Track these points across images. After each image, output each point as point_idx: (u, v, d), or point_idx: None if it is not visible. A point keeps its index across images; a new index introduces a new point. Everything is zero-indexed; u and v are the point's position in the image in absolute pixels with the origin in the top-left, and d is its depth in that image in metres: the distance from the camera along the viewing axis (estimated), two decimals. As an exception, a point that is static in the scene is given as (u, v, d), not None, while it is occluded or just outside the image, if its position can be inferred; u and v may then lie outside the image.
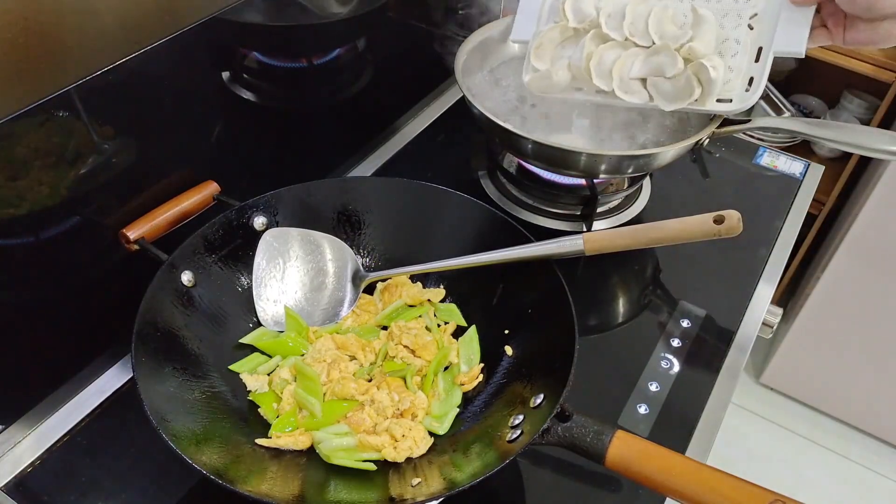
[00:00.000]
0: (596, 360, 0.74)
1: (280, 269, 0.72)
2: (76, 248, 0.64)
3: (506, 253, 0.69)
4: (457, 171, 0.97)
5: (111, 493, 0.61)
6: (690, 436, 0.68)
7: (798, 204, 0.97)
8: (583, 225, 0.87)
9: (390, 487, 0.57)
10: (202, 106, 0.72)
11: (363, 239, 0.77)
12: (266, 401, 0.64)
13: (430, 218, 0.76)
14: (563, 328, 0.62)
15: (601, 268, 0.80)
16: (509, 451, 0.55)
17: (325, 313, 0.72)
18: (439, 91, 1.12)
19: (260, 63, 0.77)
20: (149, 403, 0.54)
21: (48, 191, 0.59)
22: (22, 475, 0.63)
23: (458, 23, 1.08)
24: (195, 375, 0.62)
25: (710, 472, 0.50)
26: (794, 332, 1.67)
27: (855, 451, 1.72)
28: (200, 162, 0.74)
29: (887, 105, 1.57)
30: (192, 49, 0.67)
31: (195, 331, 0.65)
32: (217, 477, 0.51)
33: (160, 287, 0.63)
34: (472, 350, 0.69)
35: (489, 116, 0.78)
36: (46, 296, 0.63)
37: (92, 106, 0.59)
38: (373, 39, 0.91)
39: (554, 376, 0.59)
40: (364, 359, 0.68)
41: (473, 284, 0.73)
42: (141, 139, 0.65)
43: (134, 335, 0.58)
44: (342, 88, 0.92)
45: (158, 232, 0.68)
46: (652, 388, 0.72)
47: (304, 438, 0.61)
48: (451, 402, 0.65)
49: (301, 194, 0.74)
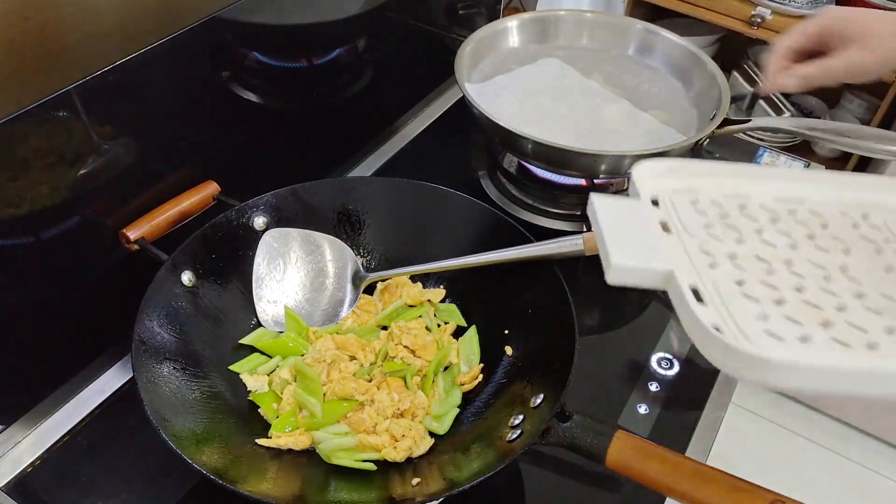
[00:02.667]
0: (596, 360, 0.74)
1: (280, 269, 0.72)
2: (76, 248, 0.64)
3: (506, 253, 0.69)
4: (457, 171, 0.97)
5: (111, 493, 0.61)
6: (690, 436, 0.68)
7: (798, 204, 0.97)
8: (583, 225, 0.87)
9: (390, 487, 0.57)
10: (202, 106, 0.72)
11: (363, 239, 0.77)
12: (266, 401, 0.64)
13: (430, 218, 0.76)
14: (563, 328, 0.62)
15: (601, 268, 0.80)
16: (509, 451, 0.55)
17: (325, 314, 0.72)
18: (439, 91, 1.12)
19: (260, 63, 0.77)
20: (149, 403, 0.54)
21: (48, 191, 0.59)
22: (22, 475, 0.62)
23: (458, 23, 1.08)
24: (195, 375, 0.62)
25: (710, 472, 0.50)
26: (795, 332, 1.67)
27: (855, 451, 1.72)
28: (200, 162, 0.74)
29: (887, 105, 1.57)
30: (192, 49, 0.67)
31: (195, 331, 0.65)
32: (217, 477, 0.51)
33: (160, 287, 0.63)
34: (472, 350, 0.69)
35: (489, 116, 0.78)
36: (46, 296, 0.63)
37: (92, 106, 0.59)
38: (373, 39, 0.91)
39: (554, 376, 0.59)
40: (364, 359, 0.68)
41: (473, 284, 0.73)
42: (141, 139, 0.65)
43: (134, 335, 0.58)
44: (342, 88, 0.92)
45: (158, 232, 0.68)
46: (652, 388, 0.72)
47: (304, 438, 0.61)
48: (451, 402, 0.65)
49: (301, 194, 0.74)
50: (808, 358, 0.38)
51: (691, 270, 0.44)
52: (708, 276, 0.43)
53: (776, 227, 0.48)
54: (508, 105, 0.87)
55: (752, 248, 0.46)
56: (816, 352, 0.39)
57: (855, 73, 0.63)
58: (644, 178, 0.50)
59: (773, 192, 0.50)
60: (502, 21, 0.95)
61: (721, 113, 0.81)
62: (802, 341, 0.40)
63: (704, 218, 0.48)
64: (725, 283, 0.43)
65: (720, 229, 0.47)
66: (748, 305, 0.42)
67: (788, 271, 0.44)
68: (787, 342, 0.40)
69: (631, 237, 0.45)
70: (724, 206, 0.49)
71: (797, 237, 0.47)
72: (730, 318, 0.41)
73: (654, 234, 0.46)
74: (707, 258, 0.45)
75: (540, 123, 0.82)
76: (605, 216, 0.46)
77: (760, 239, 0.47)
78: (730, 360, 0.38)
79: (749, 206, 0.49)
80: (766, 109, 1.76)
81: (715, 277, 0.43)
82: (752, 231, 0.47)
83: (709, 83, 0.88)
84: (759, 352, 0.38)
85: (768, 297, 0.42)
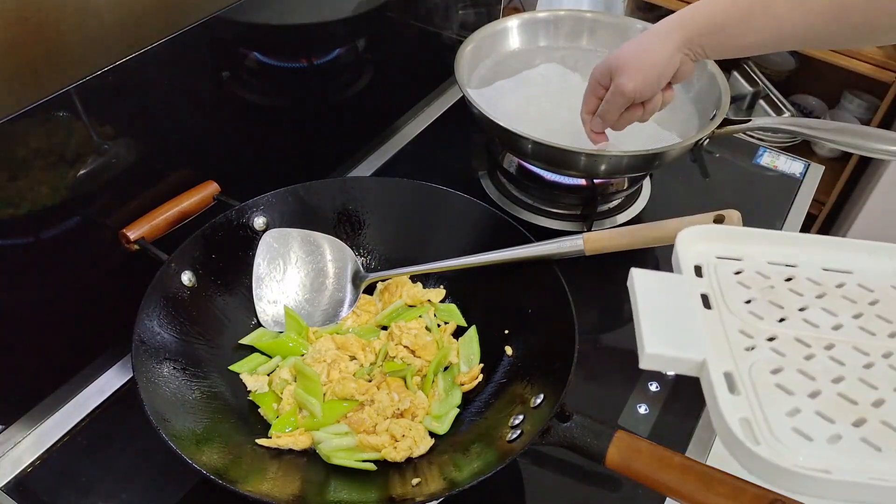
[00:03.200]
0: (596, 360, 0.74)
1: (280, 270, 0.72)
2: (76, 248, 0.64)
3: (506, 253, 0.69)
4: (457, 171, 0.97)
5: (111, 493, 0.61)
6: (690, 436, 0.68)
7: (798, 204, 0.97)
8: (583, 225, 0.87)
9: (390, 487, 0.57)
10: (202, 106, 0.72)
11: (363, 239, 0.77)
12: (266, 401, 0.64)
13: (430, 218, 0.76)
14: (563, 328, 0.62)
15: (601, 268, 0.80)
16: (509, 451, 0.55)
17: (325, 314, 0.72)
18: (439, 91, 1.12)
19: (260, 63, 0.77)
20: (149, 403, 0.54)
21: (48, 191, 0.59)
22: (22, 475, 0.62)
23: (458, 23, 1.08)
24: (195, 375, 0.62)
25: (710, 472, 0.50)
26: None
27: (855, 451, 1.72)
28: (200, 162, 0.74)
29: (887, 105, 1.57)
30: (192, 49, 0.67)
31: (195, 331, 0.65)
32: (217, 477, 0.51)
33: (160, 287, 0.63)
34: (472, 350, 0.69)
35: (489, 116, 0.78)
36: (46, 296, 0.63)
37: (92, 106, 0.59)
38: (373, 39, 0.91)
39: (554, 376, 0.59)
40: (364, 359, 0.68)
41: (473, 284, 0.73)
42: (141, 139, 0.65)
43: (134, 335, 0.58)
44: (342, 88, 0.92)
45: (158, 232, 0.68)
46: (652, 388, 0.72)
47: (304, 438, 0.61)
48: (451, 402, 0.65)
49: (301, 194, 0.74)
50: (835, 470, 0.36)
51: (727, 355, 0.42)
52: (745, 362, 0.42)
53: (821, 304, 0.45)
54: (509, 106, 0.87)
55: (794, 329, 0.44)
56: (844, 457, 0.37)
57: (625, 95, 0.70)
58: (687, 243, 0.48)
59: (821, 262, 0.48)
60: (502, 21, 0.95)
61: (721, 113, 0.81)
62: (831, 442, 0.38)
63: (748, 291, 0.46)
64: (761, 372, 0.41)
65: (763, 305, 0.45)
66: (781, 398, 0.40)
67: (828, 357, 0.42)
68: (815, 442, 0.38)
69: (668, 320, 0.43)
70: (769, 277, 0.47)
71: (843, 317, 0.45)
72: (759, 411, 0.39)
73: (692, 316, 0.44)
74: (746, 340, 0.43)
75: (540, 124, 0.82)
76: (644, 296, 0.44)
77: (803, 318, 0.44)
78: (753, 464, 0.37)
79: (797, 277, 0.47)
80: (766, 109, 1.76)
81: (751, 363, 0.42)
82: (796, 308, 0.45)
83: (709, 83, 0.88)
84: (780, 461, 0.36)
85: (803, 390, 0.40)
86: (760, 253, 0.48)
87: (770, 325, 0.44)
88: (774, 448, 0.37)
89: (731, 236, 0.49)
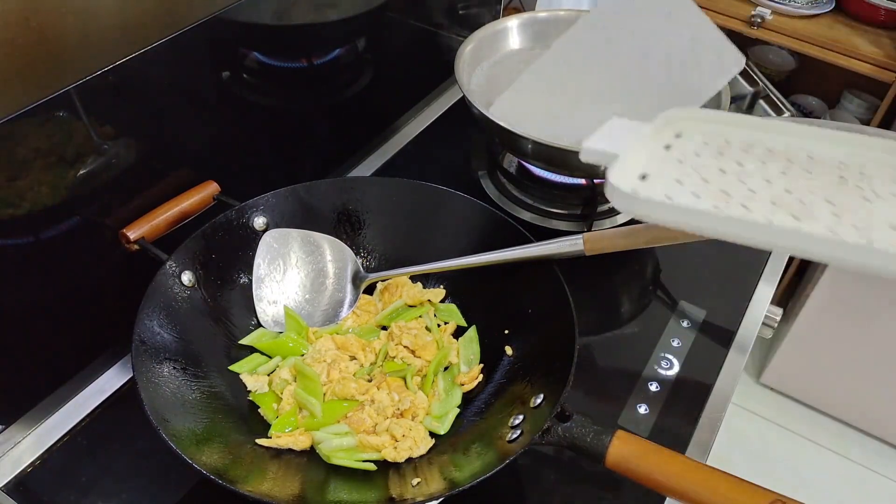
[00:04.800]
0: (596, 360, 0.74)
1: (280, 270, 0.72)
2: (76, 248, 0.64)
3: (506, 253, 0.69)
4: (457, 171, 0.97)
5: (111, 493, 0.61)
6: (690, 436, 0.68)
7: (798, 204, 0.97)
8: (583, 225, 0.87)
9: (390, 487, 0.57)
10: (202, 106, 0.72)
11: (363, 239, 0.77)
12: (266, 401, 0.64)
13: (430, 218, 0.76)
14: (563, 328, 0.62)
15: (601, 268, 0.80)
16: (509, 451, 0.55)
17: (325, 314, 0.72)
18: (439, 91, 1.12)
19: (260, 63, 0.77)
20: (149, 403, 0.54)
21: (48, 191, 0.59)
22: (22, 475, 0.63)
23: (458, 23, 1.08)
24: (195, 375, 0.62)
25: (710, 472, 0.50)
26: (794, 332, 1.67)
27: (855, 451, 1.72)
28: (200, 162, 0.74)
29: (887, 105, 1.57)
30: (192, 49, 0.67)
31: (195, 331, 0.65)
32: (217, 477, 0.51)
33: (160, 287, 0.63)
34: (472, 350, 0.69)
35: (489, 116, 0.78)
36: (46, 296, 0.63)
37: (92, 106, 0.59)
38: (373, 39, 0.91)
39: (554, 376, 0.59)
40: (364, 359, 0.68)
41: (473, 284, 0.73)
42: (141, 139, 0.65)
43: (134, 335, 0.58)
44: (342, 88, 0.92)
45: (158, 232, 0.68)
46: (652, 388, 0.72)
47: (304, 438, 0.61)
48: (451, 402, 0.65)
49: (301, 194, 0.74)
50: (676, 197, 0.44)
51: (650, 159, 0.48)
52: (663, 163, 0.48)
53: (764, 161, 0.49)
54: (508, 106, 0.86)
55: (719, 164, 0.48)
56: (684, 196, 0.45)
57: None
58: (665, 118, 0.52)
59: (785, 141, 0.51)
60: (502, 21, 0.95)
61: (721, 113, 0.81)
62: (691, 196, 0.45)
63: (702, 146, 0.50)
64: (672, 165, 0.48)
65: (708, 155, 0.49)
66: (676, 173, 0.46)
67: (739, 171, 0.47)
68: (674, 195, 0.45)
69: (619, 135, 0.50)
70: (731, 144, 0.50)
71: (772, 169, 0.48)
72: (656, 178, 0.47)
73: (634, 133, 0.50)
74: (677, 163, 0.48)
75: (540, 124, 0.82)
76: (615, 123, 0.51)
77: (737, 161, 0.49)
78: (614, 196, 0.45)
79: (755, 148, 0.50)
80: (767, 109, 1.75)
81: (668, 162, 0.48)
82: (734, 162, 0.49)
83: (709, 83, 0.87)
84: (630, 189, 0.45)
85: (698, 176, 0.46)
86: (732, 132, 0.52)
87: (705, 161, 0.48)
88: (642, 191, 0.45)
89: (708, 118, 0.53)
